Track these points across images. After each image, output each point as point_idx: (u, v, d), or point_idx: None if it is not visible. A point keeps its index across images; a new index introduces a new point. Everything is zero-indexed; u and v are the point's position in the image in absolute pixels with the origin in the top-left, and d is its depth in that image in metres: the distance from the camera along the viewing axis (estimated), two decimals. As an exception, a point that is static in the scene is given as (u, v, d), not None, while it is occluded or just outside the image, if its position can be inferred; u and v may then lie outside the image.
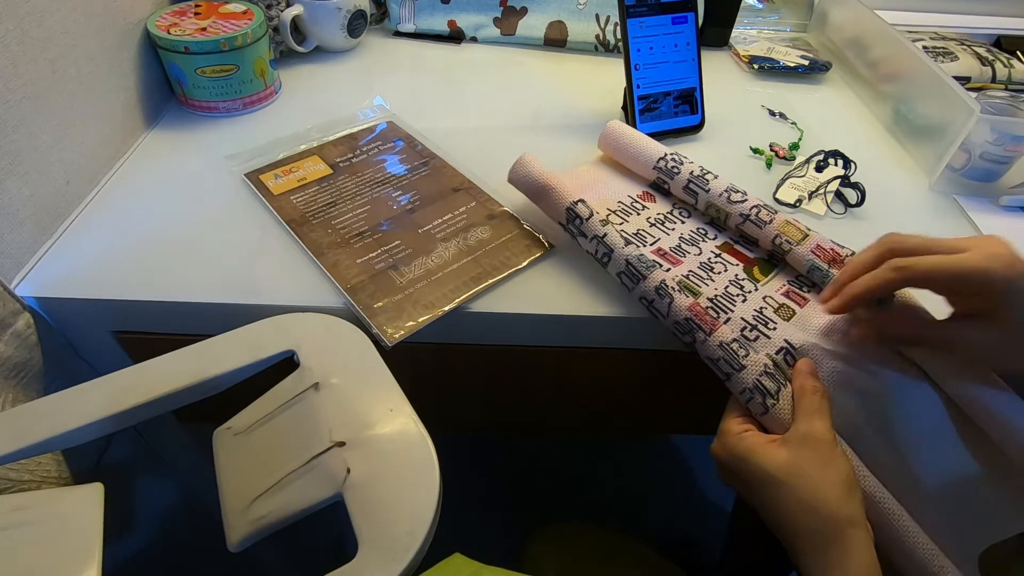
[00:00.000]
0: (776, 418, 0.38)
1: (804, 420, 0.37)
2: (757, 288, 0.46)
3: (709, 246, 0.49)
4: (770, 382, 0.39)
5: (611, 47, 0.78)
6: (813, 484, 0.35)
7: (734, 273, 0.47)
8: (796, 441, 0.36)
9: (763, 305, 0.44)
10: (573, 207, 0.46)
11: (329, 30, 0.71)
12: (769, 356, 0.41)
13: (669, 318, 0.42)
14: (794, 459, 0.35)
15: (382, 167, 0.56)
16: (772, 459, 0.36)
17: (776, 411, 0.38)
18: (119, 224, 0.50)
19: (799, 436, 0.36)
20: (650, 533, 1.00)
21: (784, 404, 0.39)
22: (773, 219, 0.47)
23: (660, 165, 0.52)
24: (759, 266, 0.48)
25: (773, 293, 0.45)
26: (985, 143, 0.55)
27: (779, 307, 0.44)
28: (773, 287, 0.46)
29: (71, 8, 0.49)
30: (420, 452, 0.33)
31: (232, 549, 0.32)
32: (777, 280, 0.47)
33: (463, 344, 0.47)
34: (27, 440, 0.33)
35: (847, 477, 0.35)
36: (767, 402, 0.39)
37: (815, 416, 0.37)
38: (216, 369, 0.37)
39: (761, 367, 0.39)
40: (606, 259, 0.45)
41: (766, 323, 0.43)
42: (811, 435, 0.36)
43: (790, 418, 0.38)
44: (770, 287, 0.46)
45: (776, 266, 0.48)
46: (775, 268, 0.48)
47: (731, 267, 0.47)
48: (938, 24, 0.82)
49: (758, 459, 0.36)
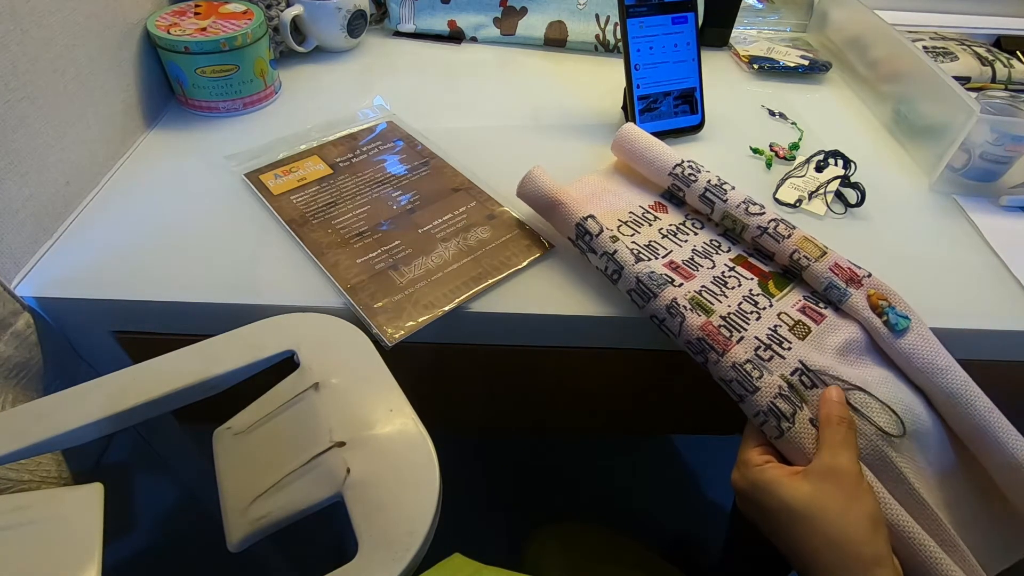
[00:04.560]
0: (792, 443, 0.37)
1: (828, 452, 0.35)
2: (772, 304, 0.44)
3: (723, 259, 0.48)
4: (785, 404, 0.38)
5: (611, 47, 0.78)
6: (837, 519, 0.33)
7: (748, 288, 0.45)
8: (820, 474, 0.35)
9: (778, 323, 0.43)
10: (583, 223, 0.45)
11: (329, 30, 0.71)
12: (784, 377, 0.39)
13: (681, 337, 0.41)
14: (818, 493, 0.34)
15: (382, 167, 0.56)
16: (794, 492, 0.34)
17: (792, 435, 0.37)
18: (119, 224, 0.50)
19: (823, 469, 0.35)
20: (650, 533, 1.00)
21: (800, 428, 0.37)
22: (791, 234, 0.46)
23: (676, 172, 0.51)
24: (774, 280, 0.46)
25: (788, 309, 0.44)
26: (985, 143, 0.55)
27: (795, 324, 0.43)
28: (789, 302, 0.44)
29: (71, 8, 0.49)
30: (420, 452, 0.33)
31: (232, 549, 0.32)
32: (793, 295, 0.45)
33: (463, 344, 0.47)
34: (27, 440, 0.33)
35: (873, 512, 0.34)
36: (782, 425, 0.37)
37: (840, 448, 0.35)
38: (216, 369, 0.37)
39: (776, 389, 0.38)
40: (616, 276, 0.44)
41: (781, 342, 0.41)
42: (836, 468, 0.35)
43: (807, 443, 0.37)
44: (785, 302, 0.44)
45: (792, 280, 0.46)
46: (791, 282, 0.46)
47: (745, 281, 0.46)
48: (938, 24, 0.82)
49: (780, 492, 0.35)
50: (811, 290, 0.46)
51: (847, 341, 0.42)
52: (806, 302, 0.45)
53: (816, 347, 0.42)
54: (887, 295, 0.43)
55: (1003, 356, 0.48)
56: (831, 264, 0.44)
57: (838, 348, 0.41)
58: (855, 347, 0.42)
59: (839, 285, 0.43)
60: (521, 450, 1.10)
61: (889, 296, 0.43)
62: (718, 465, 1.11)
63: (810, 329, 0.43)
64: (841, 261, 0.44)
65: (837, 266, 0.44)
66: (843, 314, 0.44)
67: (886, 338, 0.41)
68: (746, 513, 0.38)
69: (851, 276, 0.44)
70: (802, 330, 0.42)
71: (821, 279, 0.44)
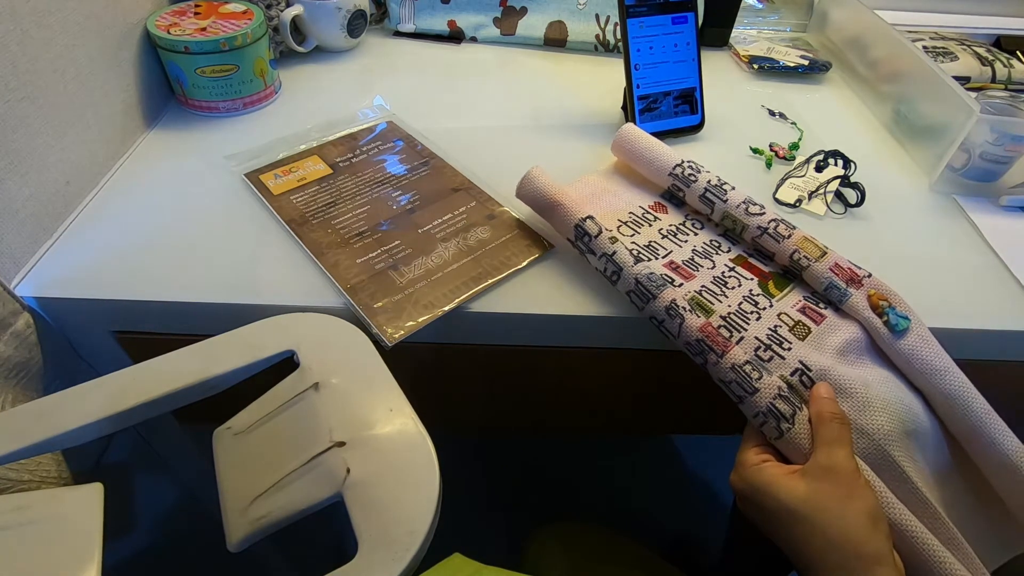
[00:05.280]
0: (792, 443, 0.37)
1: (824, 450, 0.35)
2: (772, 304, 0.44)
3: (723, 259, 0.48)
4: (785, 405, 0.38)
5: (611, 47, 0.78)
6: (835, 518, 0.33)
7: (748, 288, 0.45)
8: (816, 473, 0.34)
9: (778, 323, 0.43)
10: (582, 224, 0.45)
11: (329, 30, 0.71)
12: (783, 378, 0.39)
13: (680, 339, 0.41)
14: (815, 492, 0.34)
15: (382, 167, 0.56)
16: (792, 492, 0.34)
17: (792, 436, 0.37)
18: (119, 224, 0.50)
19: (819, 468, 0.35)
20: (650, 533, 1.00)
21: (800, 428, 0.37)
22: (792, 234, 0.46)
23: (676, 172, 0.51)
24: (774, 280, 0.46)
25: (788, 309, 0.44)
26: (985, 143, 0.55)
27: (794, 325, 0.43)
28: (789, 302, 0.44)
29: (71, 8, 0.49)
30: (420, 452, 0.33)
31: (232, 549, 0.32)
32: (793, 295, 0.45)
33: (463, 344, 0.47)
34: (27, 440, 0.33)
35: (872, 509, 0.34)
36: (782, 426, 0.37)
37: (835, 445, 0.35)
38: (216, 369, 0.37)
39: (775, 390, 0.38)
40: (615, 277, 0.44)
41: (780, 343, 0.41)
42: (832, 466, 0.34)
43: (807, 443, 0.36)
44: (786, 302, 0.44)
45: (792, 280, 0.46)
46: (791, 282, 0.46)
47: (745, 281, 0.46)
48: (938, 24, 0.82)
49: (777, 492, 0.35)
50: (811, 290, 0.46)
51: (847, 341, 0.42)
52: (806, 302, 0.44)
53: (816, 347, 0.42)
54: (887, 295, 0.43)
55: (1003, 356, 0.48)
56: (831, 264, 0.44)
57: (838, 348, 0.41)
58: (855, 347, 0.42)
59: (839, 285, 0.43)
60: (521, 450, 1.10)
61: (889, 296, 0.43)
62: (718, 465, 1.11)
63: (810, 329, 0.43)
64: (841, 261, 0.44)
65: (837, 266, 0.44)
66: (843, 314, 0.44)
67: (886, 338, 0.42)
68: (746, 514, 0.38)
69: (851, 276, 0.44)
70: (802, 330, 0.42)
71: (821, 279, 0.44)
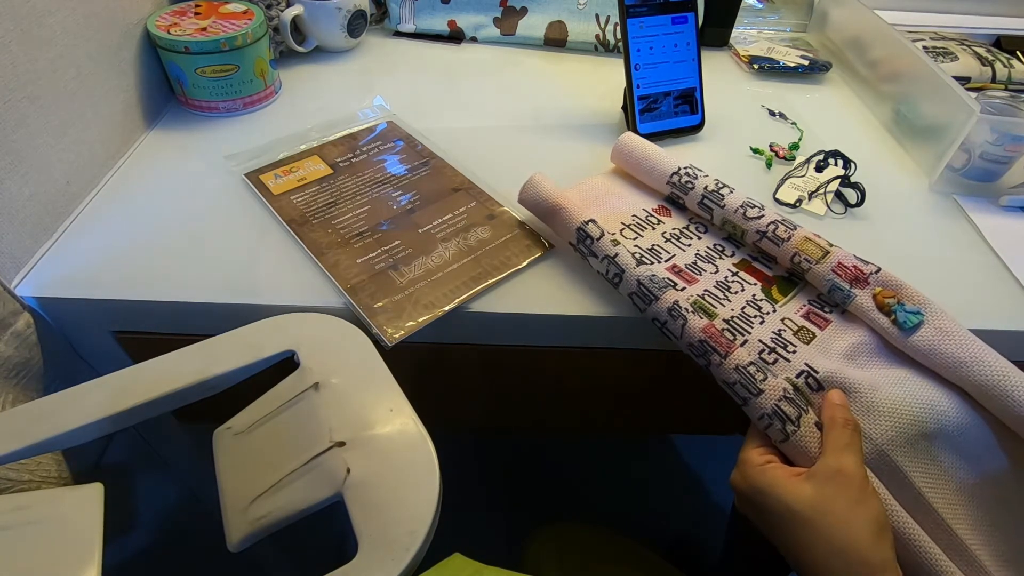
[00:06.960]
0: (797, 446, 0.36)
1: (833, 455, 0.35)
2: (775, 309, 0.43)
3: (726, 264, 0.47)
4: (790, 408, 0.37)
5: (611, 47, 0.78)
6: (841, 524, 0.32)
7: (752, 293, 0.45)
8: (824, 476, 0.34)
9: (781, 328, 0.42)
10: (583, 227, 0.45)
11: (329, 30, 0.71)
12: (789, 380, 0.38)
13: (683, 340, 0.40)
14: (821, 496, 0.33)
15: (382, 167, 0.56)
16: (797, 494, 0.34)
17: (797, 439, 0.36)
18: (119, 224, 0.50)
19: (828, 471, 0.34)
20: (650, 533, 1.00)
21: (806, 431, 0.36)
22: (791, 236, 0.45)
23: (674, 180, 0.51)
24: (778, 285, 0.45)
25: (792, 315, 0.43)
26: (985, 143, 0.55)
27: (799, 329, 0.42)
28: (792, 308, 0.44)
29: (71, 8, 0.49)
30: (420, 452, 0.33)
31: (232, 549, 0.32)
32: (796, 301, 0.44)
33: (463, 344, 0.47)
34: (27, 440, 0.33)
35: (878, 517, 0.33)
36: (787, 429, 0.36)
37: (845, 451, 0.35)
38: (216, 369, 0.37)
39: (780, 392, 0.37)
40: (617, 280, 0.43)
41: (785, 346, 0.40)
42: (841, 471, 0.34)
43: (812, 446, 0.36)
44: (789, 308, 0.44)
45: (796, 285, 0.45)
46: (795, 287, 0.45)
47: (748, 286, 0.45)
48: (938, 24, 0.82)
49: (781, 494, 0.34)
50: (816, 293, 0.45)
51: (855, 344, 0.41)
52: (811, 307, 0.44)
53: (822, 351, 0.41)
54: (897, 290, 0.41)
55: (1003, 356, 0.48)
56: (834, 265, 0.43)
57: (845, 352, 0.41)
58: (864, 349, 0.41)
59: (842, 287, 0.43)
60: (521, 450, 1.10)
61: (899, 291, 0.41)
62: (718, 465, 1.11)
63: (815, 335, 0.42)
64: (845, 260, 0.43)
65: (840, 266, 0.43)
66: (850, 317, 0.43)
67: (896, 337, 0.40)
68: (745, 514, 0.38)
69: (856, 275, 0.43)
70: (806, 335, 0.42)
71: (824, 281, 0.43)
